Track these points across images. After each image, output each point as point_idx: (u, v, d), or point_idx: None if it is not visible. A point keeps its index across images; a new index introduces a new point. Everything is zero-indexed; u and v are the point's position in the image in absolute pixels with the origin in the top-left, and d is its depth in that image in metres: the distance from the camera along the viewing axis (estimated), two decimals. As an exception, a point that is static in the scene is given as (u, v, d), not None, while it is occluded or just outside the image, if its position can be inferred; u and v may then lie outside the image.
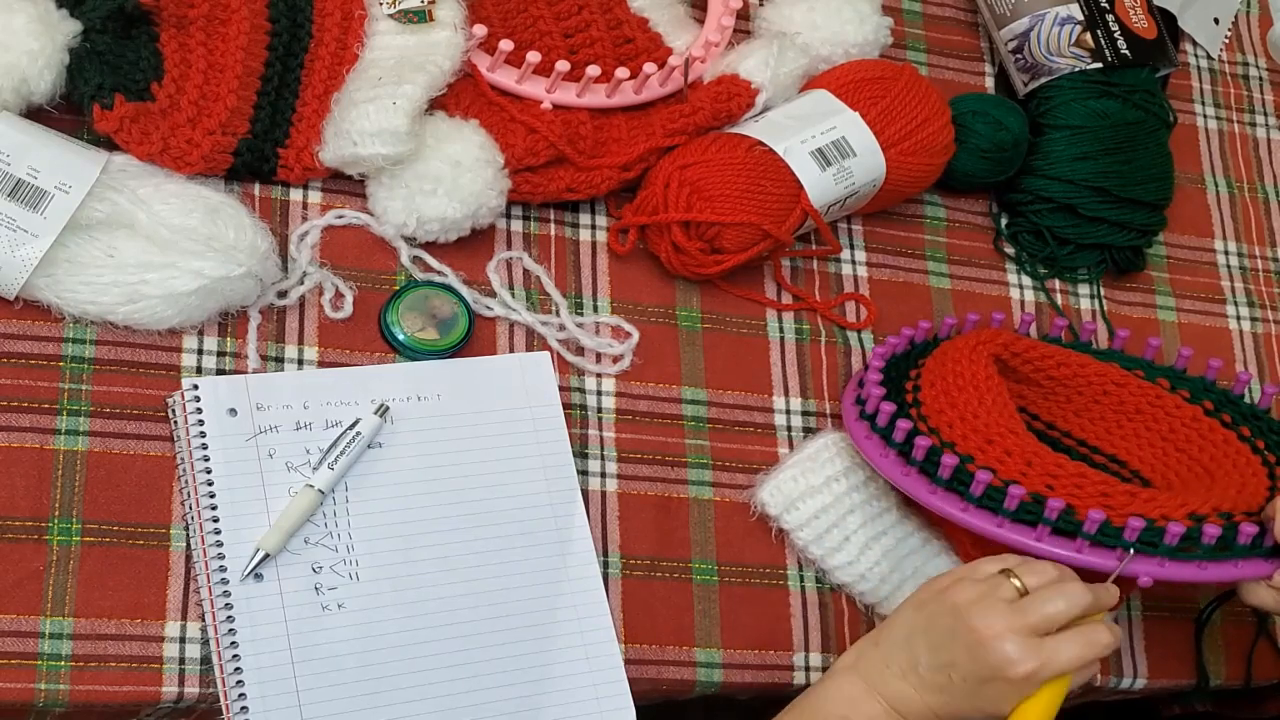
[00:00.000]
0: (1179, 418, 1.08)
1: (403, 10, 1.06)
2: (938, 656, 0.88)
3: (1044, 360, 1.10)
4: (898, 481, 0.99)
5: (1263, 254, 1.33)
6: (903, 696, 0.89)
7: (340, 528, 0.96)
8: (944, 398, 1.01)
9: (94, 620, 0.91)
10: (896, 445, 1.00)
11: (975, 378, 1.02)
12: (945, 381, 1.02)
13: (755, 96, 1.13)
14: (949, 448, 0.98)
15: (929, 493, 0.97)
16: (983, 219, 1.25)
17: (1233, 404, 1.09)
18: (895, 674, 0.89)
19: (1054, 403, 1.11)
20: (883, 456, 1.00)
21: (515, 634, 0.97)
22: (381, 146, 1.01)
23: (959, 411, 1.00)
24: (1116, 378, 1.10)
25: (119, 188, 0.95)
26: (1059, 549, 0.93)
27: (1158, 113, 1.23)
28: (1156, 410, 1.09)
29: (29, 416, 0.94)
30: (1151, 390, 1.10)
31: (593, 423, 1.06)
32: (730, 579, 1.05)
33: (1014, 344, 1.09)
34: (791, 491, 1.05)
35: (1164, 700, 1.24)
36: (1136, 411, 1.09)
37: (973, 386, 1.01)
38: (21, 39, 0.94)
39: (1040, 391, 1.11)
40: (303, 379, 0.99)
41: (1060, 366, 1.10)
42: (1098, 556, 0.92)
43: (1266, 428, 1.06)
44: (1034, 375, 1.10)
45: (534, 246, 1.10)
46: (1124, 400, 1.10)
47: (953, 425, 0.99)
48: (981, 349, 1.04)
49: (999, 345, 1.07)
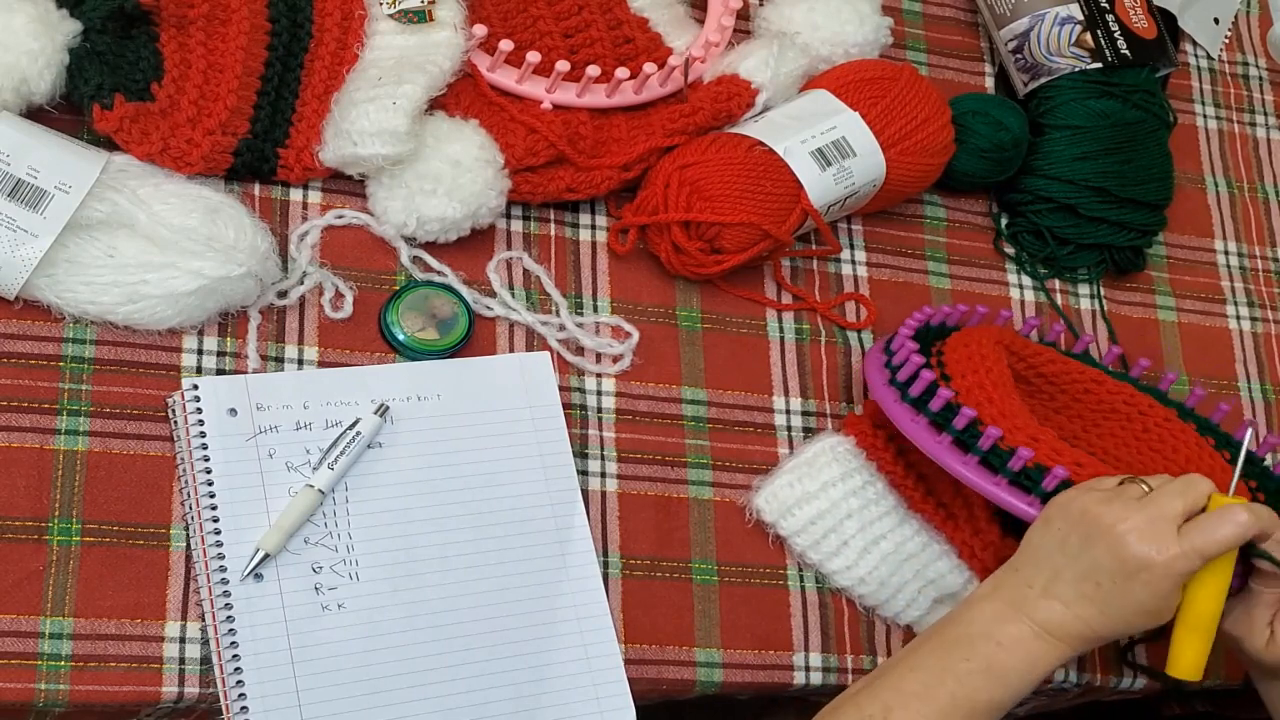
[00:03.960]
0: (1151, 417, 1.09)
1: (403, 10, 1.06)
2: (1079, 564, 0.86)
3: (1036, 358, 1.11)
4: (930, 450, 0.98)
5: (1263, 254, 1.33)
6: (1051, 615, 0.87)
7: (340, 528, 0.96)
8: (971, 376, 1.00)
9: (94, 620, 0.91)
10: (930, 414, 0.99)
11: (999, 371, 1.02)
12: (973, 361, 1.01)
13: (755, 96, 1.13)
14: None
15: (961, 464, 0.97)
16: (983, 219, 1.25)
17: (1211, 430, 1.11)
18: (1038, 593, 0.87)
19: (1038, 401, 1.11)
20: (913, 421, 0.99)
21: (515, 634, 0.97)
22: (381, 146, 1.01)
23: (987, 393, 0.99)
24: (1095, 375, 1.11)
25: (119, 188, 0.95)
26: None
27: (1158, 113, 1.23)
28: (1130, 410, 1.10)
29: (29, 416, 0.94)
30: (1125, 390, 1.11)
31: (593, 423, 1.06)
32: (730, 579, 1.05)
33: (1013, 342, 1.10)
34: (787, 498, 1.05)
35: (1164, 700, 1.24)
36: (1112, 410, 1.10)
37: (999, 377, 1.01)
38: (21, 39, 0.94)
39: (1027, 389, 1.11)
40: (303, 379, 0.99)
41: (1050, 363, 1.11)
42: None
43: (1259, 472, 1.08)
44: (1026, 373, 1.11)
45: (534, 246, 1.10)
46: (1101, 399, 1.11)
47: (981, 406, 0.98)
48: (1000, 343, 1.05)
49: (1006, 340, 1.08)
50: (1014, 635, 0.87)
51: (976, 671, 0.86)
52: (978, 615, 0.89)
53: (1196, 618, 0.88)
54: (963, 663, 0.87)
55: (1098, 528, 0.86)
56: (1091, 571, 0.86)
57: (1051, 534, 0.89)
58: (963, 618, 0.89)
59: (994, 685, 0.86)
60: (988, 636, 0.87)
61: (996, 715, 0.87)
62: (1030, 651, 0.87)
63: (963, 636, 0.88)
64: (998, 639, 0.87)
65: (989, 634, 0.87)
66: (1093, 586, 0.86)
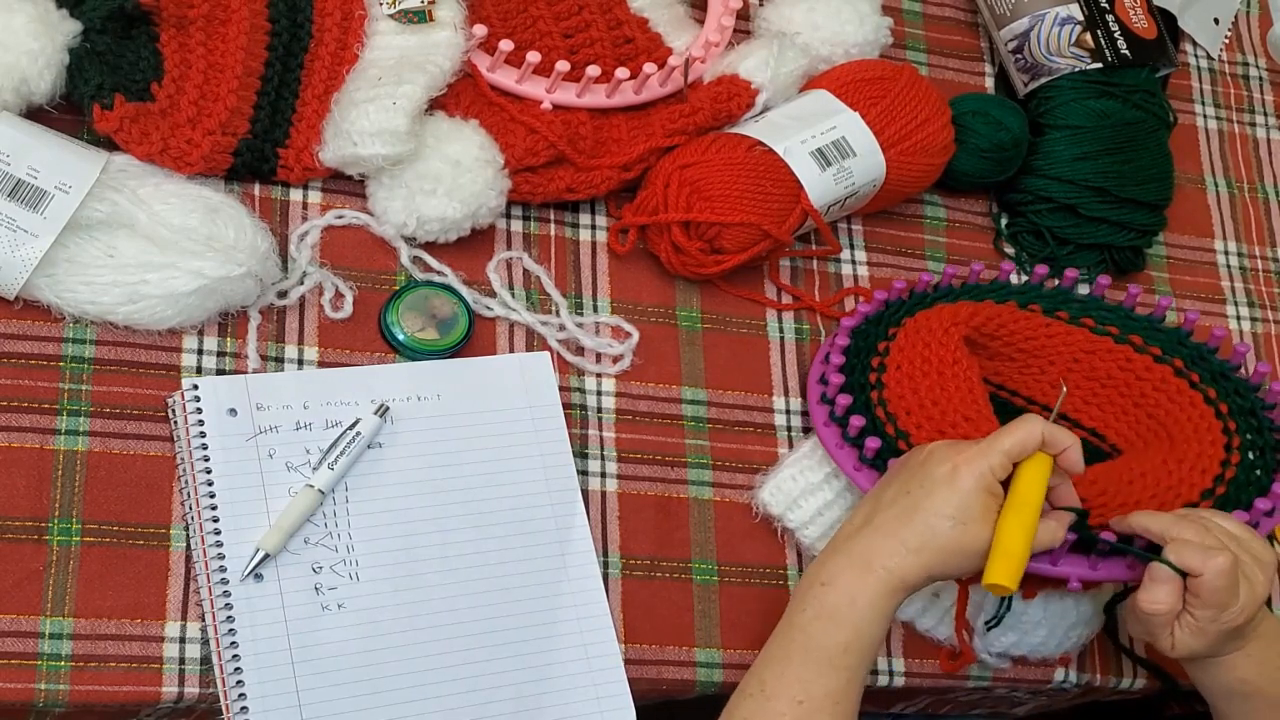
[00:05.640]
0: (1149, 381, 1.08)
1: (403, 10, 1.06)
2: (898, 486, 0.89)
3: (1013, 335, 1.09)
4: (849, 475, 1.01)
5: (1263, 254, 1.33)
6: (870, 543, 0.88)
7: (340, 528, 0.96)
8: (907, 382, 1.01)
9: (94, 620, 0.91)
10: (850, 440, 1.01)
11: (943, 361, 1.02)
12: (912, 365, 1.02)
13: (755, 96, 1.13)
14: (903, 438, 0.99)
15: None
16: (983, 219, 1.25)
17: (1204, 360, 1.08)
18: (858, 525, 0.90)
19: (1029, 376, 1.11)
20: (839, 448, 1.02)
21: (515, 634, 0.97)
22: (381, 146, 1.01)
23: (919, 399, 1.00)
24: (1085, 344, 1.09)
25: (119, 188, 0.95)
26: None
27: (1158, 113, 1.23)
28: (1127, 375, 1.08)
29: (29, 416, 0.94)
30: (1122, 353, 1.09)
31: (593, 423, 1.06)
32: (730, 579, 1.05)
33: (985, 324, 1.08)
34: (792, 490, 1.05)
35: (1164, 700, 1.24)
36: (1108, 377, 1.09)
37: (938, 372, 1.01)
38: (21, 39, 0.94)
39: (1015, 366, 1.11)
40: (303, 379, 0.99)
41: (1029, 340, 1.10)
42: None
43: (1233, 389, 1.06)
44: (1005, 350, 1.10)
45: (534, 246, 1.10)
46: (1095, 367, 1.09)
47: (910, 412, 1.00)
48: (954, 331, 1.04)
49: (970, 327, 1.07)
50: (834, 570, 0.89)
51: (813, 618, 0.88)
52: (812, 567, 0.91)
53: (1003, 532, 0.88)
54: (801, 613, 0.89)
55: (926, 453, 0.90)
56: (904, 485, 0.89)
57: (887, 477, 0.92)
58: (804, 574, 0.92)
59: (831, 627, 0.87)
60: (814, 579, 0.89)
61: (858, 658, 0.87)
62: (849, 584, 0.88)
63: (800, 589, 0.90)
64: (822, 579, 0.89)
65: (816, 576, 0.89)
66: (904, 497, 0.88)
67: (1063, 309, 1.11)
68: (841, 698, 0.87)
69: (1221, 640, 0.92)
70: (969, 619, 1.03)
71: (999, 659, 1.06)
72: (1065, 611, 1.04)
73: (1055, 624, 1.05)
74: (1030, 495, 0.89)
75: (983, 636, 1.04)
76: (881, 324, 1.07)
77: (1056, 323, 1.10)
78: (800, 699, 0.86)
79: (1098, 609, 1.07)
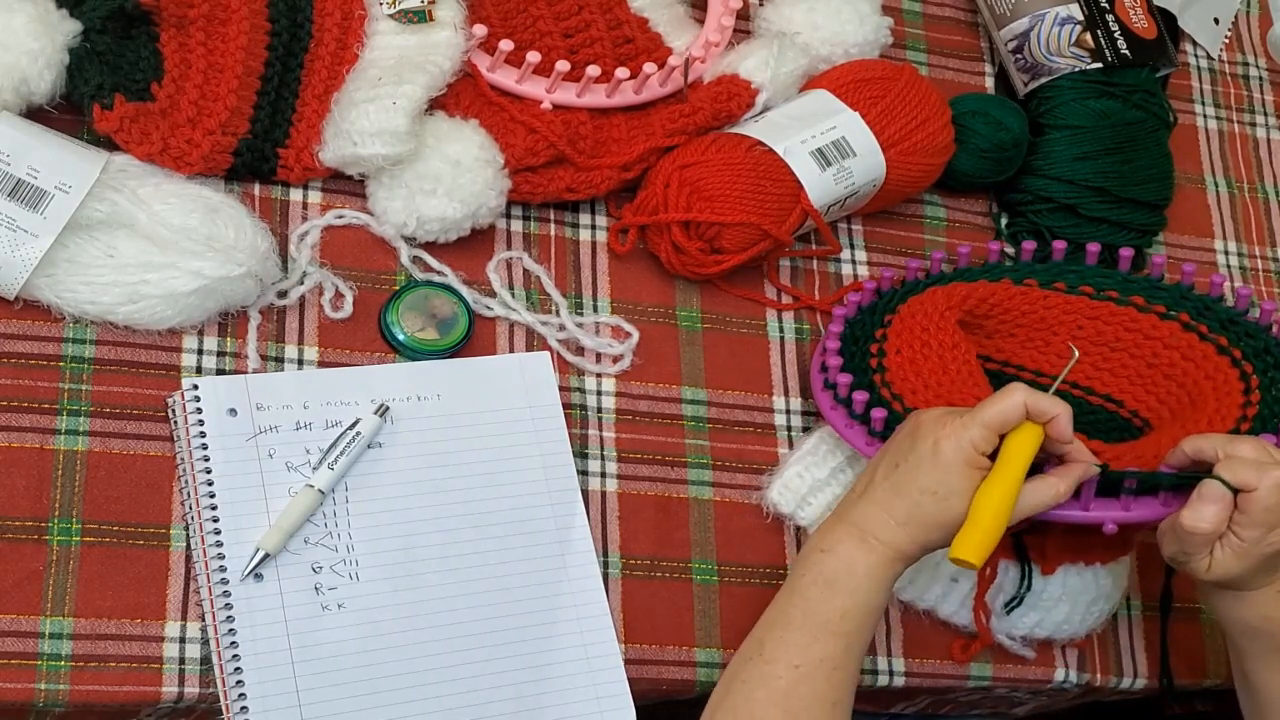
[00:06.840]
0: (1159, 339, 1.07)
1: (403, 10, 1.06)
2: (893, 459, 0.90)
3: (1009, 312, 1.09)
4: (862, 452, 1.00)
5: (1263, 254, 1.33)
6: (866, 512, 0.89)
7: (340, 528, 0.96)
8: (909, 365, 1.01)
9: (94, 620, 0.91)
10: (857, 416, 1.00)
11: (941, 345, 1.02)
12: (912, 349, 1.02)
13: (755, 96, 1.13)
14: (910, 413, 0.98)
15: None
16: (983, 219, 1.25)
17: (1209, 310, 1.07)
18: (857, 496, 0.90)
19: (1034, 349, 1.10)
20: (848, 427, 1.01)
21: (515, 634, 0.97)
22: (381, 146, 1.01)
23: (924, 379, 1.00)
24: (1087, 311, 1.09)
25: (119, 188, 0.95)
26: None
27: (1158, 113, 1.23)
28: (1135, 335, 1.07)
29: (29, 416, 0.94)
30: (1125, 315, 1.08)
31: (593, 423, 1.06)
32: (730, 579, 1.05)
33: (978, 305, 1.08)
34: (800, 487, 1.05)
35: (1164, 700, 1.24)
36: (1116, 340, 1.08)
37: (937, 355, 1.01)
38: (21, 39, 0.94)
39: (1016, 341, 1.10)
40: (303, 379, 0.99)
41: (1027, 314, 1.09)
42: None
43: (1243, 332, 1.05)
44: (1003, 328, 1.10)
45: (534, 246, 1.10)
46: (1100, 332, 1.09)
47: (916, 392, 0.99)
48: (949, 315, 1.04)
49: (963, 310, 1.06)
50: (834, 538, 0.90)
51: (811, 584, 0.89)
52: (815, 534, 0.92)
53: (975, 507, 0.88)
54: (801, 578, 0.90)
55: (915, 424, 0.90)
56: (894, 458, 0.89)
57: (885, 446, 0.92)
58: (807, 541, 0.93)
59: (830, 593, 0.88)
60: (816, 546, 0.90)
61: (856, 624, 0.88)
62: (849, 552, 0.89)
63: (801, 555, 0.91)
64: (822, 546, 0.90)
65: (817, 544, 0.90)
66: (894, 470, 0.89)
67: (1059, 280, 1.10)
68: (838, 664, 0.87)
69: (1259, 566, 0.90)
70: (988, 602, 1.03)
71: (1023, 644, 1.06)
72: (1085, 586, 1.04)
73: (1076, 599, 1.04)
74: (1010, 467, 0.88)
75: (1003, 619, 1.04)
76: (876, 312, 1.07)
77: (1054, 294, 1.09)
78: (797, 663, 0.87)
79: (1118, 583, 1.06)
